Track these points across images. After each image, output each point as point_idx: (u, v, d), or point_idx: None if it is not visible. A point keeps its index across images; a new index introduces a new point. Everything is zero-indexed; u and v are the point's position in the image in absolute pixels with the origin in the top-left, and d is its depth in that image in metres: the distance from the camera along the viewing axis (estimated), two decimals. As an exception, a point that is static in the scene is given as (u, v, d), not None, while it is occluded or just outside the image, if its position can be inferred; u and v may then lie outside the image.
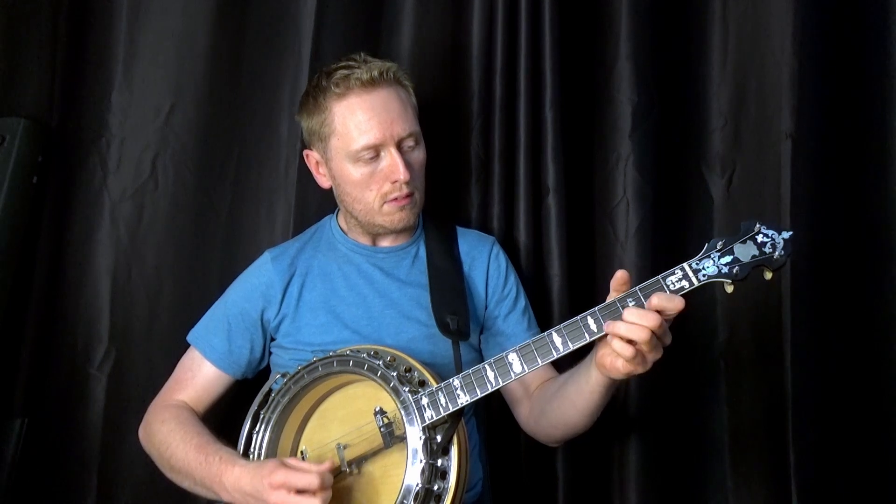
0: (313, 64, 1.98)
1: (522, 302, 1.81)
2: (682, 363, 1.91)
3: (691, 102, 1.98)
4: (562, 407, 1.58)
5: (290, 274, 1.75)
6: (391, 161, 1.65)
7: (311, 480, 1.40)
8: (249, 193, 2.07)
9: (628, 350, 1.35)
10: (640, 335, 1.33)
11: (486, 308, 1.78)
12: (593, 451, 1.89)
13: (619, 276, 1.40)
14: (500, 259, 1.83)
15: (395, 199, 1.68)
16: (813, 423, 1.80)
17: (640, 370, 1.38)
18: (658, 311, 1.34)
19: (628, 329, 1.34)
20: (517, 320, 1.78)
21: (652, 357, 1.37)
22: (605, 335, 1.38)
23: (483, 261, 1.81)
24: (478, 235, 1.87)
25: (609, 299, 1.39)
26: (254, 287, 1.76)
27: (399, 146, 1.66)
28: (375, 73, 1.64)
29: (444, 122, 1.99)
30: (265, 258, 1.79)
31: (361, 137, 1.64)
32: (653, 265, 1.41)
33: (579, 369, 1.53)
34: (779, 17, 1.89)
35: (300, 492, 1.41)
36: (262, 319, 1.74)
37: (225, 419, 1.78)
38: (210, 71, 2.07)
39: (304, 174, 1.88)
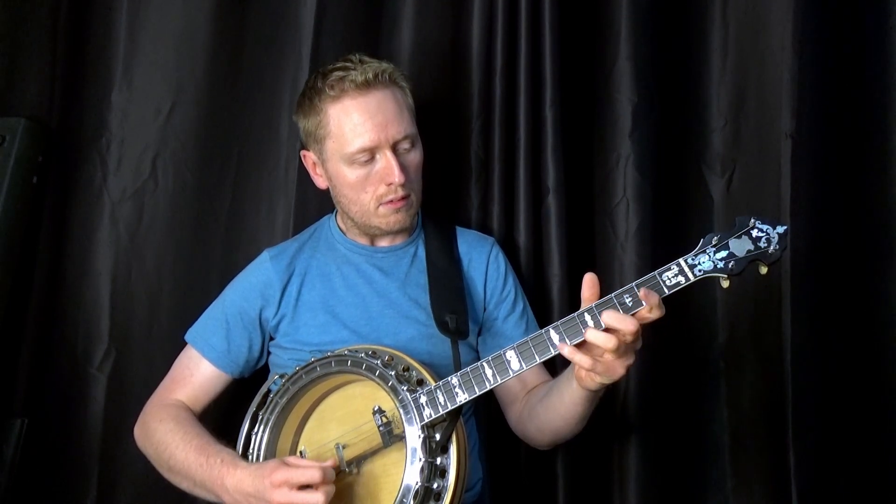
0: (313, 64, 1.98)
1: (521, 304, 1.81)
2: (682, 363, 1.92)
3: (691, 102, 1.98)
4: (547, 414, 1.59)
5: (288, 274, 1.75)
6: (386, 164, 1.65)
7: (313, 475, 1.40)
8: (249, 193, 2.07)
9: (586, 362, 1.37)
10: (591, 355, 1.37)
11: (484, 309, 1.78)
12: (593, 451, 1.89)
13: (588, 278, 1.42)
14: (500, 260, 1.82)
15: (391, 202, 1.68)
16: (813, 424, 1.80)
17: (612, 378, 1.39)
18: (611, 330, 1.35)
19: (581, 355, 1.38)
20: (516, 322, 1.78)
21: (624, 361, 1.38)
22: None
23: (482, 261, 1.81)
24: (477, 236, 1.87)
25: (584, 304, 1.41)
26: (252, 286, 1.76)
27: (394, 148, 1.66)
28: (370, 74, 1.64)
29: (444, 122, 1.99)
30: (264, 257, 1.79)
31: (356, 140, 1.63)
32: (653, 265, 1.40)
33: (561, 379, 1.54)
34: (779, 17, 1.89)
35: (302, 489, 1.41)
36: (260, 318, 1.74)
37: (224, 420, 1.78)
38: (210, 71, 2.07)
39: (304, 174, 1.88)
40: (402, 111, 1.67)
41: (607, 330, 1.34)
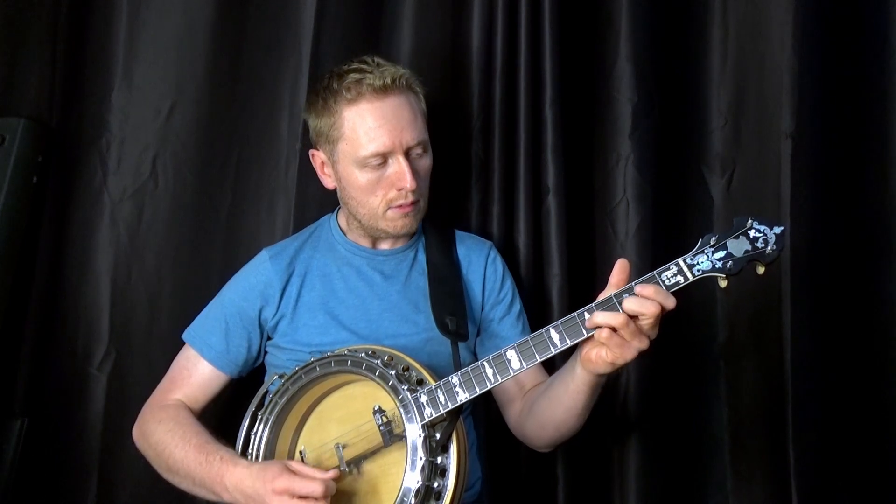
0: (313, 64, 1.98)
1: (517, 307, 1.81)
2: (682, 363, 1.92)
3: (691, 102, 1.98)
4: (550, 406, 1.59)
5: (288, 273, 1.75)
6: (399, 169, 1.65)
7: (315, 488, 1.40)
8: (249, 193, 2.07)
9: (611, 337, 1.37)
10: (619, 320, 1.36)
11: (482, 310, 1.79)
12: (593, 451, 1.89)
13: (620, 264, 1.42)
14: (497, 263, 1.83)
15: (400, 206, 1.68)
16: (813, 423, 1.80)
17: (623, 359, 1.38)
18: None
19: (609, 317, 1.36)
20: (512, 324, 1.79)
21: (636, 344, 1.37)
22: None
23: (480, 264, 1.81)
24: (475, 239, 1.87)
25: (608, 290, 1.41)
26: (252, 286, 1.75)
27: (407, 154, 1.65)
28: (388, 79, 1.63)
29: (445, 123, 1.98)
30: (263, 257, 1.79)
31: (371, 144, 1.63)
32: (652, 265, 1.41)
33: (565, 369, 1.54)
34: (779, 17, 1.89)
35: (302, 498, 1.41)
36: (259, 318, 1.74)
37: (223, 419, 1.78)
38: (210, 71, 2.06)
39: (304, 174, 1.88)
40: (416, 117, 1.66)
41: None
